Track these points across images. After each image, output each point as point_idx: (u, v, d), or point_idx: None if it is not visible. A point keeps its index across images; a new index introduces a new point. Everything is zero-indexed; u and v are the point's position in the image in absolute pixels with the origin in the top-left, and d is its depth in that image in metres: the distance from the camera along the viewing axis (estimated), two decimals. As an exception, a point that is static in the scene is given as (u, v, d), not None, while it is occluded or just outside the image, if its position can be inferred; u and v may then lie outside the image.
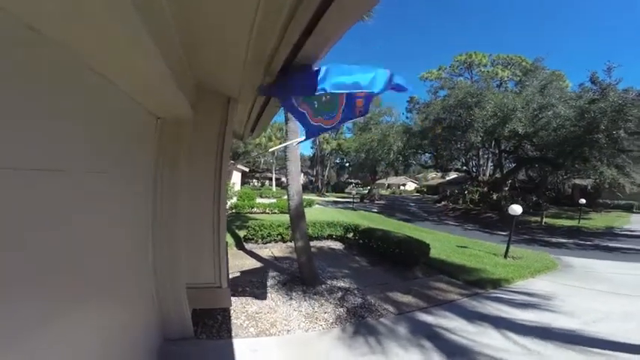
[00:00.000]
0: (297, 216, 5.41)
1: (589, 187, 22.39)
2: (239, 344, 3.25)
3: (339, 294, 4.78)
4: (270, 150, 10.91)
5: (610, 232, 15.46)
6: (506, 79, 29.42)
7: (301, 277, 5.31)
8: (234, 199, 16.59)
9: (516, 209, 7.61)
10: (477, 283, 5.61)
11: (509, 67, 30.98)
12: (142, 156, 2.57)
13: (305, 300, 4.50)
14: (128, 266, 2.33)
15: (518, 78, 25.01)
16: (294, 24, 1.53)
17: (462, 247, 9.24)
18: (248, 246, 7.89)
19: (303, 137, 4.34)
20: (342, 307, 4.33)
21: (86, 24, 1.14)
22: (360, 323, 3.88)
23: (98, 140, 1.71)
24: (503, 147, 23.41)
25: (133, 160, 2.36)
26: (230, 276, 4.26)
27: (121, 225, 2.15)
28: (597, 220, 19.30)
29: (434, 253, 7.18)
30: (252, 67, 2.19)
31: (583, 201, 19.17)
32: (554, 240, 12.97)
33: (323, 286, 5.12)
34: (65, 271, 1.43)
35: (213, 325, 3.55)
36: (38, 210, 1.23)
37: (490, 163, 31.03)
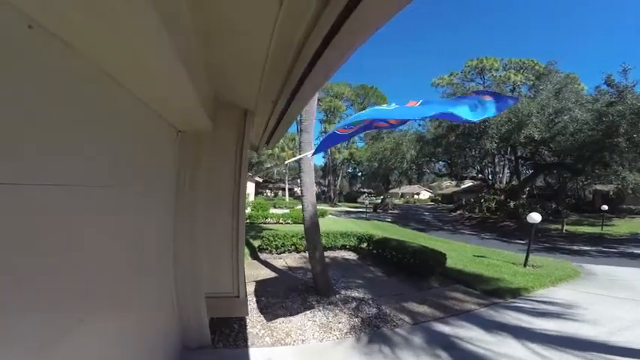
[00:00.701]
0: (312, 227, 5.45)
1: (611, 193, 21.62)
2: (255, 353, 3.29)
3: (354, 304, 4.77)
4: (286, 162, 11.06)
5: (635, 239, 14.85)
6: (519, 83, 28.89)
7: (315, 287, 5.32)
8: (249, 210, 16.84)
9: (535, 217, 7.45)
10: (495, 292, 5.49)
11: (521, 71, 30.45)
12: (164, 169, 2.68)
13: (319, 310, 4.51)
14: (150, 274, 2.43)
15: (532, 82, 24.64)
16: (317, 31, 1.46)
17: (479, 256, 9.06)
18: (262, 256, 7.97)
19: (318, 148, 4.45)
20: (356, 317, 4.32)
21: (100, 24, 1.07)
22: (374, 333, 3.87)
23: (124, 155, 1.82)
24: (519, 153, 22.94)
25: (155, 174, 2.47)
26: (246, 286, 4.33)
27: (144, 236, 2.26)
28: (621, 227, 18.57)
29: (450, 262, 7.06)
30: (270, 76, 2.20)
31: (605, 207, 18.52)
32: (575, 248, 12.57)
33: (337, 296, 5.12)
34: (90, 280, 1.50)
35: (230, 334, 3.60)
36: (66, 224, 1.31)
37: (506, 170, 30.42)
